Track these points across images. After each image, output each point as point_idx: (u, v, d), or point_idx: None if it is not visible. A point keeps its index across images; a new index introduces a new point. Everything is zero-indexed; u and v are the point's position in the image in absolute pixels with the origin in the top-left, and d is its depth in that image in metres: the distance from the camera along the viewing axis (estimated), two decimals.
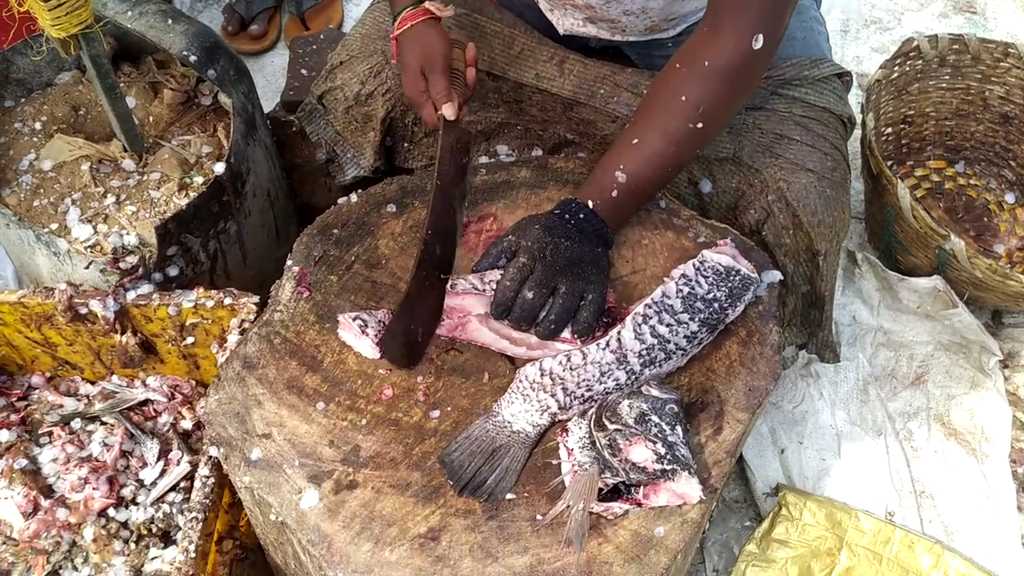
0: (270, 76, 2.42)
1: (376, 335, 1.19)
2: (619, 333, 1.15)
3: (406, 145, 1.60)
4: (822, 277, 1.47)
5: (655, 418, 1.05)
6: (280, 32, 2.53)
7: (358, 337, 1.20)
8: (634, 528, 1.05)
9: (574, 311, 1.17)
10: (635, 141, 1.23)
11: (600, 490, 1.06)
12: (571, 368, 1.13)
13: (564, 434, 1.11)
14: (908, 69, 1.99)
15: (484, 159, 1.51)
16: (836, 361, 1.62)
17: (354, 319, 1.20)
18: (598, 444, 1.06)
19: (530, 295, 1.16)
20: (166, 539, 1.40)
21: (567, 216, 1.22)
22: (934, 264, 1.78)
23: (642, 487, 1.06)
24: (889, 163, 2.10)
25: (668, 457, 1.04)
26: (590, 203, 1.23)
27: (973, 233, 2.05)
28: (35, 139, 1.59)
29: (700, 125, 1.20)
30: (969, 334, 1.79)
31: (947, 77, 2.02)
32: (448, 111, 1.28)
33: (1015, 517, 1.65)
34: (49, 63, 1.66)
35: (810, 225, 1.41)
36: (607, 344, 1.14)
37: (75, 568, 1.36)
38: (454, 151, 1.29)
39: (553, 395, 1.11)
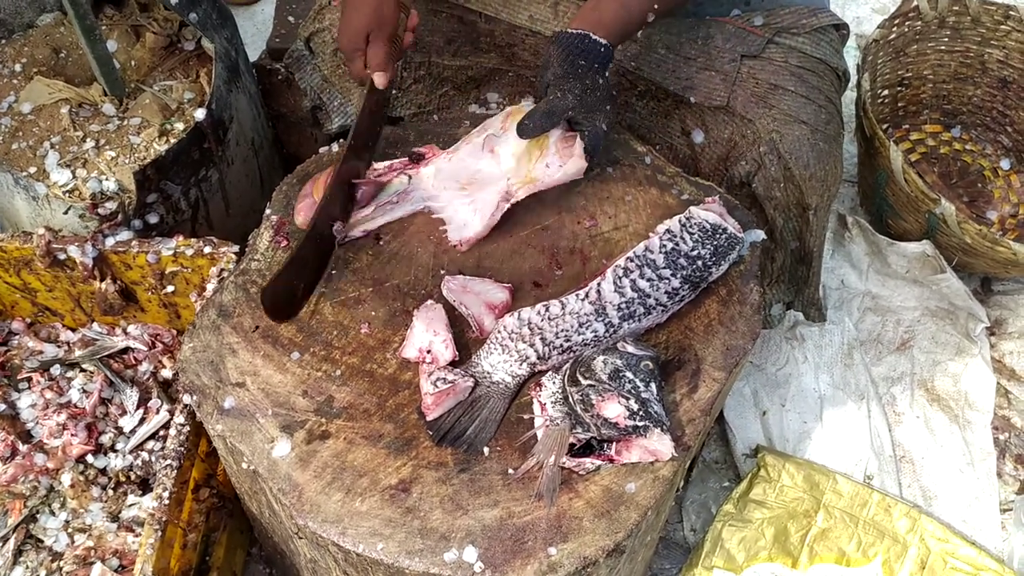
0: (259, 24, 2.38)
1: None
2: (599, 285, 1.13)
3: (394, 92, 1.58)
4: (811, 232, 1.46)
5: (629, 375, 1.05)
6: None
7: None
8: (605, 484, 1.05)
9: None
10: None
11: (572, 446, 1.05)
12: (550, 318, 1.11)
13: (538, 389, 1.10)
14: (907, 30, 1.96)
15: (474, 107, 1.49)
16: (821, 320, 1.61)
17: None
18: (571, 399, 1.05)
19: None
20: (144, 486, 1.40)
21: (570, 45, 1.21)
22: (924, 229, 1.76)
23: (614, 443, 1.05)
24: (884, 126, 2.08)
25: (641, 414, 1.03)
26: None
27: (966, 199, 2.03)
28: (15, 81, 1.56)
29: None
30: (957, 300, 1.77)
31: (946, 39, 1.99)
32: (379, 80, 1.28)
33: (994, 484, 1.65)
34: (30, 4, 1.63)
35: (801, 178, 1.39)
36: (586, 295, 1.13)
37: (52, 513, 1.36)
38: (373, 113, 1.30)
39: (532, 345, 1.10)
